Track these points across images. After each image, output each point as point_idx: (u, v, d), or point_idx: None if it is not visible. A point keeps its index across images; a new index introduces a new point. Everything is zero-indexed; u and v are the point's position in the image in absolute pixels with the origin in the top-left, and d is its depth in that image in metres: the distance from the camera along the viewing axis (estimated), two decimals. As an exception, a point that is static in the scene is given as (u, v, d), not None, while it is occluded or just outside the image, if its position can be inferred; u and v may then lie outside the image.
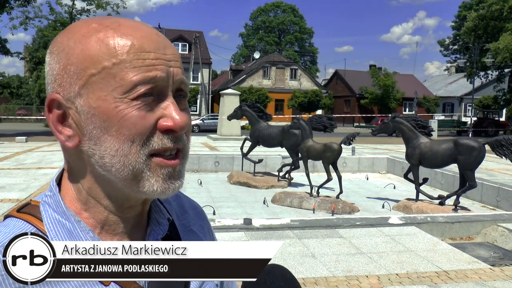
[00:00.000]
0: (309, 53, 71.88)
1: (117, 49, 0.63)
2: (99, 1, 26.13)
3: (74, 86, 0.64)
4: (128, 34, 0.64)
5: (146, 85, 0.63)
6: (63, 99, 0.65)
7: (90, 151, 0.65)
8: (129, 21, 0.67)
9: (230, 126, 19.72)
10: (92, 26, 0.65)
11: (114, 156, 0.63)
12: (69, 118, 0.66)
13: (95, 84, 0.63)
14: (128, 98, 0.62)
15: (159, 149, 0.65)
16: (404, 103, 46.39)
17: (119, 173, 0.64)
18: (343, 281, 4.06)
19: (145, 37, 0.65)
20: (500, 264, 4.97)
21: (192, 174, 10.99)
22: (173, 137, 0.66)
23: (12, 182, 8.57)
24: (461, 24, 48.62)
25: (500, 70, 32.43)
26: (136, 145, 0.63)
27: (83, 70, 0.63)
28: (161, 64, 0.64)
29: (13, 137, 18.58)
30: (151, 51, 0.64)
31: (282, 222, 5.71)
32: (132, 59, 0.62)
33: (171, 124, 0.64)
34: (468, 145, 7.14)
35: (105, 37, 0.63)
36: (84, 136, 0.65)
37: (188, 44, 42.41)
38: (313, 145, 8.05)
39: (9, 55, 25.45)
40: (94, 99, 0.63)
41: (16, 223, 0.67)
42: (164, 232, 0.75)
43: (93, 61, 0.63)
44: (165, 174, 0.66)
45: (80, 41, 0.64)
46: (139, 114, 0.63)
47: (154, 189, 0.65)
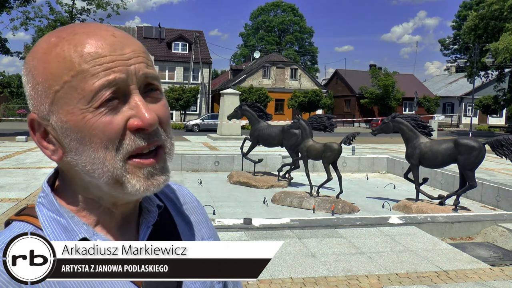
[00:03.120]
0: (309, 53, 71.87)
1: (74, 61, 0.63)
2: (100, 1, 26.10)
3: (44, 104, 0.66)
4: (82, 43, 0.64)
5: (107, 90, 0.63)
6: (39, 118, 0.67)
7: (73, 162, 0.67)
8: (85, 27, 0.67)
9: (230, 126, 19.73)
10: (51, 42, 0.66)
11: (93, 163, 0.65)
12: (49, 134, 0.68)
13: (61, 100, 0.64)
14: (92, 107, 0.63)
15: (133, 151, 0.65)
16: (404, 103, 46.35)
17: (101, 179, 0.66)
18: (343, 281, 4.06)
19: (100, 41, 0.64)
20: (500, 264, 4.97)
21: (192, 174, 11.00)
22: (146, 135, 0.65)
23: (12, 181, 8.57)
24: (461, 24, 48.62)
25: (500, 70, 32.42)
26: (110, 151, 0.64)
27: (48, 88, 0.65)
28: (119, 66, 0.64)
29: (13, 137, 18.59)
30: (106, 55, 0.64)
31: (282, 222, 5.71)
32: (89, 67, 0.63)
33: (139, 123, 0.64)
34: (468, 145, 7.14)
35: (62, 51, 0.64)
36: (65, 148, 0.67)
37: (188, 43, 42.37)
38: (313, 144, 8.05)
39: (9, 55, 25.43)
40: (64, 114, 0.64)
41: (17, 224, 0.70)
42: (154, 219, 0.76)
43: (54, 77, 0.64)
44: (146, 173, 0.67)
45: (42, 60, 0.65)
46: (105, 120, 0.63)
47: (137, 189, 0.66)
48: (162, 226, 0.78)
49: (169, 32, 44.16)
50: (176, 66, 41.69)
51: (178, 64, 41.79)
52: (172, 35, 43.24)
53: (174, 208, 0.85)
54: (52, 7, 26.17)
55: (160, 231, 0.77)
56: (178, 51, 42.51)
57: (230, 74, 49.13)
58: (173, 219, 0.81)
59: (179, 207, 0.86)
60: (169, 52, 42.05)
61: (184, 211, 0.87)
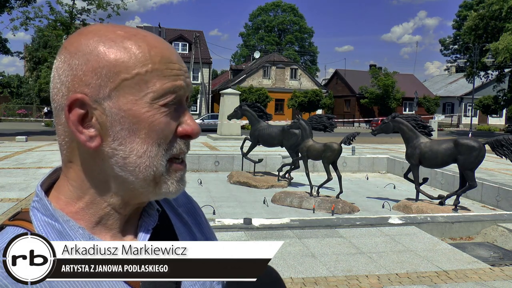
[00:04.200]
0: (309, 53, 71.83)
1: (150, 57, 0.67)
2: (100, 1, 26.07)
3: (104, 88, 0.66)
4: (156, 46, 0.69)
5: (173, 94, 0.68)
6: (90, 99, 0.66)
7: (111, 152, 0.67)
8: (150, 33, 0.72)
9: (230, 126, 19.72)
10: (118, 33, 0.68)
11: (141, 157, 0.67)
12: (93, 119, 0.67)
13: (127, 88, 0.66)
14: (158, 104, 0.67)
15: (177, 154, 0.70)
16: (404, 103, 46.34)
17: (142, 173, 0.68)
18: (343, 281, 4.06)
19: (169, 50, 0.70)
20: (500, 264, 4.97)
21: (192, 174, 11.00)
22: (187, 142, 0.72)
23: (12, 181, 8.57)
24: (461, 23, 48.60)
25: (500, 70, 32.41)
26: (162, 149, 0.68)
27: (116, 74, 0.66)
28: (183, 75, 0.70)
29: (13, 137, 18.59)
30: (176, 62, 0.70)
31: (282, 222, 5.71)
32: (163, 68, 0.68)
33: (190, 130, 0.71)
34: (468, 145, 7.14)
35: (137, 45, 0.67)
36: (108, 137, 0.67)
37: (188, 43, 42.38)
38: (313, 144, 8.05)
39: (9, 55, 25.43)
40: (125, 102, 0.66)
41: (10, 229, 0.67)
42: (154, 223, 0.77)
43: (126, 66, 0.66)
44: (178, 177, 0.72)
45: (111, 46, 0.66)
46: (166, 120, 0.68)
47: (169, 190, 0.71)
48: (159, 229, 0.78)
49: (169, 32, 44.16)
50: (176, 66, 41.66)
51: (178, 64, 41.76)
52: (172, 35, 43.25)
53: (171, 209, 0.85)
54: (52, 7, 26.13)
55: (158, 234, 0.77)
56: (178, 51, 41.49)
57: (230, 74, 49.13)
58: (170, 222, 0.82)
59: (176, 208, 0.87)
60: (169, 52, 42.03)
61: (181, 212, 0.87)
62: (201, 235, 0.88)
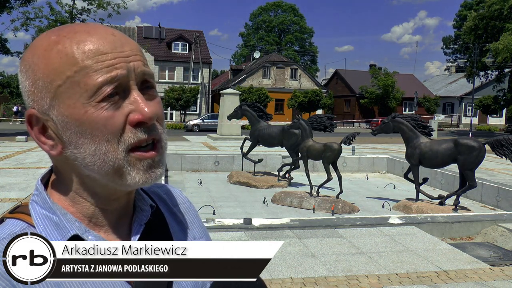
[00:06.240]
0: (309, 53, 71.81)
1: (76, 57, 0.66)
2: (100, 1, 26.06)
3: (45, 99, 0.68)
4: (84, 40, 0.67)
5: (109, 85, 0.66)
6: (39, 112, 0.69)
7: (73, 156, 0.69)
8: (85, 26, 0.70)
9: (230, 126, 19.72)
10: (51, 39, 0.68)
11: (94, 155, 0.67)
12: (49, 129, 0.70)
13: (63, 94, 0.66)
14: (95, 102, 0.66)
15: (134, 143, 0.68)
16: (404, 103, 46.33)
17: (102, 170, 0.68)
18: (343, 281, 4.06)
19: (101, 39, 0.67)
20: (500, 264, 4.97)
21: (192, 174, 11.00)
22: (145, 128, 0.69)
23: (12, 181, 8.57)
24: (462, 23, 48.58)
25: (500, 70, 32.40)
26: (113, 143, 0.67)
27: (50, 83, 0.67)
28: (120, 62, 0.67)
29: (13, 137, 18.59)
30: (108, 52, 0.67)
31: (282, 222, 5.71)
32: (92, 63, 0.66)
33: (140, 116, 0.67)
34: (468, 145, 7.14)
35: (64, 47, 0.66)
36: (65, 142, 0.69)
37: (188, 43, 42.34)
38: (313, 144, 8.05)
39: (9, 55, 25.43)
40: (65, 108, 0.67)
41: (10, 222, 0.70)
42: (147, 218, 0.78)
43: (57, 72, 0.66)
44: (145, 165, 0.69)
45: (43, 56, 0.67)
46: (107, 114, 0.66)
47: (136, 181, 0.69)
48: (154, 226, 0.79)
49: (169, 32, 44.13)
50: (176, 66, 41.67)
51: (178, 64, 41.77)
52: (172, 35, 43.22)
53: (166, 208, 0.86)
54: (53, 7, 26.14)
55: (152, 230, 0.78)
56: (178, 51, 42.49)
57: (230, 74, 49.11)
58: (164, 219, 0.83)
59: (172, 207, 0.88)
60: (169, 52, 42.03)
61: (176, 211, 0.88)
62: (195, 234, 0.88)
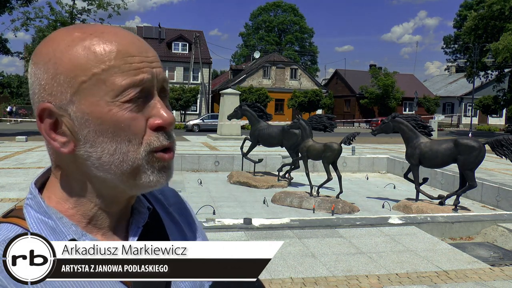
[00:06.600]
0: (309, 53, 71.80)
1: (105, 55, 0.65)
2: (100, 1, 26.07)
3: (65, 94, 0.66)
4: (112, 41, 0.67)
5: (135, 88, 0.66)
6: (55, 107, 0.67)
7: (86, 154, 0.67)
8: (111, 28, 0.70)
9: (230, 126, 19.72)
10: (75, 35, 0.67)
11: (113, 154, 0.66)
12: (62, 125, 0.68)
13: (86, 91, 0.65)
14: (119, 101, 0.65)
15: (158, 147, 0.69)
16: (404, 103, 46.32)
17: (118, 169, 0.67)
18: (343, 281, 4.06)
19: (129, 43, 0.68)
20: (500, 264, 4.97)
21: (192, 174, 11.00)
22: (165, 133, 0.70)
23: (12, 181, 8.57)
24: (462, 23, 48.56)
25: (500, 70, 32.41)
26: (134, 144, 0.67)
27: (73, 78, 0.66)
28: (146, 67, 0.68)
29: (13, 137, 18.59)
30: (135, 55, 0.67)
31: (282, 222, 5.71)
32: (120, 64, 0.66)
33: (160, 121, 0.68)
34: (468, 145, 7.14)
35: (91, 44, 0.66)
36: (79, 140, 0.67)
37: (188, 43, 42.35)
38: (313, 144, 8.05)
39: (9, 55, 25.44)
40: (87, 105, 0.66)
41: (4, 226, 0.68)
42: (145, 220, 0.78)
43: (82, 68, 0.65)
44: (160, 166, 0.70)
45: (67, 51, 0.66)
46: (131, 115, 0.66)
47: (150, 180, 0.69)
48: (151, 227, 0.79)
49: (169, 32, 44.14)
50: (176, 66, 41.67)
51: (178, 64, 41.78)
52: (172, 35, 43.23)
53: (162, 208, 0.86)
54: (53, 7, 26.16)
55: (149, 232, 0.78)
56: (178, 51, 42.49)
57: (230, 74, 49.12)
58: (161, 220, 0.82)
59: (167, 207, 0.87)
60: (169, 52, 42.03)
61: (172, 211, 0.88)
62: (191, 234, 0.88)
